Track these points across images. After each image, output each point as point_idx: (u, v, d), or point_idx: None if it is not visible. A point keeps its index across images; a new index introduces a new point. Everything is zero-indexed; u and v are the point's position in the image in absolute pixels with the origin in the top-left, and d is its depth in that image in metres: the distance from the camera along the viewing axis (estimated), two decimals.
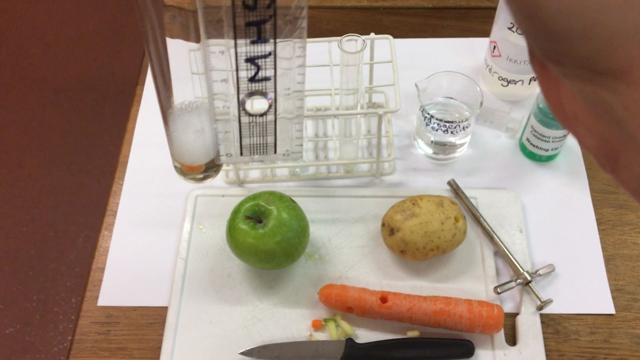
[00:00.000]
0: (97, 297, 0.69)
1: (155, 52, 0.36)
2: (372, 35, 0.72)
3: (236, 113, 0.37)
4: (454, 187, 0.75)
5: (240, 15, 0.36)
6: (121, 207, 0.75)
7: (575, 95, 0.29)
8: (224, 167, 0.76)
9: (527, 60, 0.76)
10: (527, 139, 0.76)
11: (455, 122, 0.71)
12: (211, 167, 0.38)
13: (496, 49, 0.78)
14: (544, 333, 0.65)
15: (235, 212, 0.65)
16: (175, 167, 0.38)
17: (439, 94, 0.77)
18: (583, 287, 0.69)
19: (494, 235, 0.70)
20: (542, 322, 0.66)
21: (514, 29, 0.73)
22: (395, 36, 0.73)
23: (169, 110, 0.35)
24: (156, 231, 0.73)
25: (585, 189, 0.76)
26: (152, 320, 0.67)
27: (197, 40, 0.37)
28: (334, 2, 0.95)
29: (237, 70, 0.37)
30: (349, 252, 0.70)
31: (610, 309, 0.67)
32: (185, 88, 0.36)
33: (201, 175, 0.37)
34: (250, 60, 0.37)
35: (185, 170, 0.37)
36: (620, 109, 0.26)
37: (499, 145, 0.80)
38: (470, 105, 0.75)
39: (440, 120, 0.71)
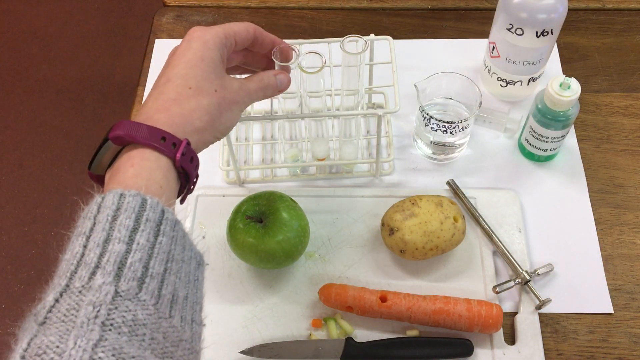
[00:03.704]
0: None
1: None
2: (372, 36, 0.72)
3: None
4: (453, 187, 0.75)
5: None
6: None
7: None
8: (225, 168, 0.76)
9: (525, 61, 0.76)
10: (526, 139, 0.76)
11: (455, 122, 0.71)
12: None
13: (495, 49, 0.78)
14: (542, 332, 0.66)
15: (236, 212, 0.66)
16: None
17: (438, 94, 0.77)
18: (581, 287, 0.69)
19: (493, 235, 0.71)
20: (541, 322, 0.66)
21: (512, 29, 0.73)
22: (394, 37, 0.73)
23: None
24: None
25: (583, 189, 0.76)
26: None
27: None
28: (334, 3, 0.96)
29: None
30: (349, 252, 0.71)
31: (609, 309, 0.68)
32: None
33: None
34: None
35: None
36: None
37: (498, 145, 0.80)
38: (469, 106, 0.76)
39: (440, 120, 0.71)
